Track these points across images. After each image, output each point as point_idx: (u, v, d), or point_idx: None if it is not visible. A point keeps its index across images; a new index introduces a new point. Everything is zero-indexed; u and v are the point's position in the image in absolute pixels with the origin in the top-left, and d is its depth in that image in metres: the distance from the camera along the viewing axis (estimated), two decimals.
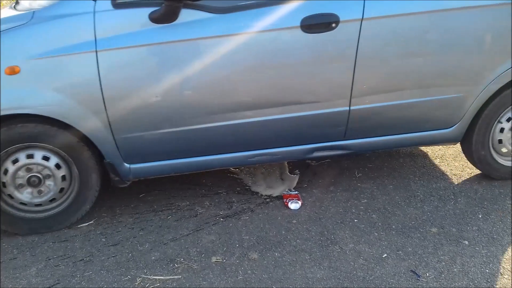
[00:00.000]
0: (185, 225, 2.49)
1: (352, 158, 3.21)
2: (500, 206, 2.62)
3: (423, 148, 3.38)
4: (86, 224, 2.52)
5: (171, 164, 2.46)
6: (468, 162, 3.01)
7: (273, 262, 2.20)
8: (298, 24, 2.21)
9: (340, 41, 2.28)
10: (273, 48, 2.26)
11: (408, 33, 2.33)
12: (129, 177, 2.46)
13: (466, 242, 2.34)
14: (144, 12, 2.12)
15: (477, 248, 2.29)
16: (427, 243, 2.33)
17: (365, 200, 2.71)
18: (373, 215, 2.56)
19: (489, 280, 2.07)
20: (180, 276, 2.12)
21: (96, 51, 2.11)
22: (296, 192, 2.77)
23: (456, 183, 2.90)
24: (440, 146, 3.38)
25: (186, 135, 2.35)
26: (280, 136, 2.49)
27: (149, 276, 2.12)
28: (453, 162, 3.17)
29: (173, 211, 2.63)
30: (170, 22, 2.13)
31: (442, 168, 3.09)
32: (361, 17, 2.25)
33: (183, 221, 2.53)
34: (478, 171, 3.01)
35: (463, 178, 2.95)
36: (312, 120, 2.44)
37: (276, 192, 2.80)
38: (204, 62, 2.21)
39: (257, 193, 2.82)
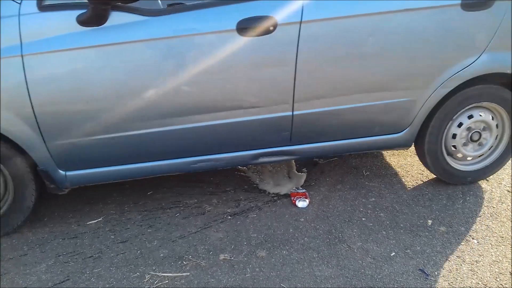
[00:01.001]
0: (193, 222, 2.50)
1: (360, 157, 3.21)
2: (508, 205, 2.61)
3: None
4: (95, 221, 2.53)
5: (109, 171, 2.39)
6: None
7: (281, 260, 2.20)
8: (234, 27, 2.13)
9: (278, 44, 2.19)
10: (209, 52, 2.17)
11: (351, 36, 2.24)
12: (66, 184, 2.37)
13: (475, 241, 2.33)
14: (72, 15, 2.04)
15: (486, 247, 2.28)
16: (436, 241, 2.32)
17: (373, 199, 2.70)
18: (381, 214, 2.56)
19: (498, 279, 2.07)
20: (189, 273, 2.13)
21: (22, 55, 2.03)
22: (304, 190, 2.77)
23: None
24: None
25: (123, 141, 2.28)
26: (224, 141, 2.43)
27: (157, 273, 2.13)
28: None
29: (181, 208, 2.64)
30: (98, 25, 2.05)
31: None
32: (299, 20, 2.17)
33: (191, 218, 2.54)
34: None
35: None
36: (255, 125, 2.37)
37: (283, 190, 2.80)
38: (135, 67, 2.13)
39: (264, 191, 2.82)
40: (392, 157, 3.21)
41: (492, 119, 2.65)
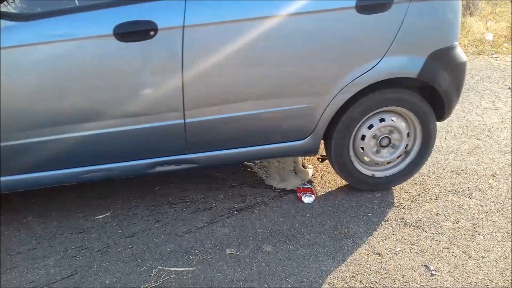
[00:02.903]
0: (199, 217, 2.52)
1: None
2: None
3: (439, 142, 3.35)
4: (102, 216, 2.56)
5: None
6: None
7: (286, 255, 2.21)
8: (111, 32, 2.02)
9: (161, 50, 2.10)
10: (86, 58, 2.07)
11: (241, 41, 2.15)
12: None
13: (481, 237, 2.32)
14: None
15: (492, 243, 2.27)
16: (442, 237, 2.32)
17: (379, 195, 2.70)
18: (387, 210, 2.56)
19: (504, 275, 2.06)
20: (195, 268, 2.14)
21: None
22: (310, 186, 2.77)
23: (472, 178, 2.87)
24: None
25: (18, 149, 2.19)
26: (116, 150, 2.32)
27: (164, 268, 2.15)
28: (468, 156, 3.14)
29: (188, 204, 2.65)
30: None
31: (458, 163, 3.07)
32: (182, 25, 2.07)
33: (198, 213, 2.56)
34: (496, 166, 2.98)
35: (479, 173, 2.92)
36: (146, 134, 2.27)
37: (289, 185, 2.81)
38: (5, 75, 2.01)
39: (270, 186, 2.83)
40: None
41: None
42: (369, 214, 2.52)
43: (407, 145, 2.63)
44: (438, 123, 2.94)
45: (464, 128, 3.59)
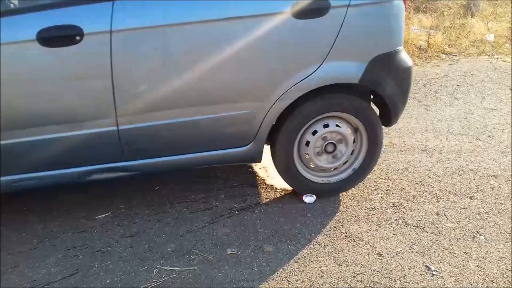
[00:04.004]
0: (200, 217, 2.52)
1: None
2: None
3: (441, 143, 3.35)
4: (103, 215, 2.56)
5: None
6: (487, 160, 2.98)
7: (287, 255, 2.22)
8: (34, 37, 1.95)
9: (89, 55, 2.04)
10: (9, 64, 1.99)
11: (172, 46, 2.12)
12: None
13: (482, 238, 2.32)
14: None
15: (493, 244, 2.27)
16: (443, 238, 2.32)
17: (380, 195, 2.71)
18: (388, 210, 2.56)
19: (505, 276, 2.06)
20: (196, 268, 2.14)
21: None
22: None
23: (473, 178, 2.87)
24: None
25: None
26: (49, 158, 2.23)
27: (165, 267, 2.15)
28: (469, 157, 3.14)
29: (189, 203, 2.65)
30: None
31: (459, 163, 3.07)
32: (109, 29, 2.01)
33: (199, 213, 2.56)
34: (497, 166, 2.98)
35: (480, 174, 2.92)
36: (79, 141, 2.20)
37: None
38: None
39: (271, 186, 2.83)
40: (400, 154, 3.20)
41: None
42: (370, 214, 2.52)
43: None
44: (437, 124, 2.95)
45: (465, 129, 3.59)
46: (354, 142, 2.56)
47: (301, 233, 2.37)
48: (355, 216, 2.51)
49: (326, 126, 2.48)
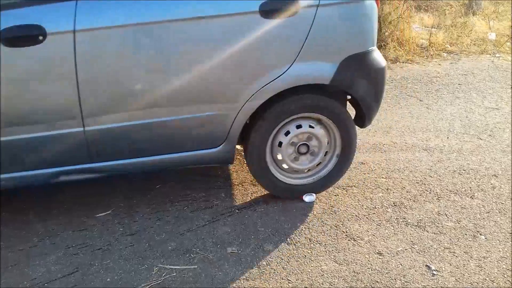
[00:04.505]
0: (201, 216, 2.52)
1: (368, 152, 3.20)
2: None
3: (442, 142, 3.35)
4: (104, 213, 2.56)
5: None
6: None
7: (287, 254, 2.21)
8: None
9: (52, 56, 2.01)
10: None
11: (137, 46, 2.09)
12: None
13: (483, 237, 2.32)
14: None
15: (494, 243, 2.27)
16: (443, 237, 2.32)
17: (380, 194, 2.70)
18: (388, 209, 2.56)
19: (505, 276, 2.06)
20: (196, 266, 2.14)
21: None
22: None
23: (474, 178, 2.87)
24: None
25: None
26: (12, 159, 2.19)
27: (165, 266, 2.15)
28: (470, 156, 3.13)
29: (189, 202, 2.65)
30: None
31: (460, 163, 3.06)
32: (73, 29, 1.98)
33: (199, 212, 2.56)
34: (498, 166, 2.98)
35: (481, 173, 2.92)
36: (45, 142, 2.17)
37: None
38: None
39: None
40: (401, 153, 3.20)
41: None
42: (370, 214, 2.52)
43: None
44: (438, 122, 2.95)
45: (466, 128, 3.58)
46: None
47: (302, 232, 2.37)
48: (356, 215, 2.51)
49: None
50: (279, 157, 2.52)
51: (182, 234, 2.37)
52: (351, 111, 2.60)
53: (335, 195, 2.69)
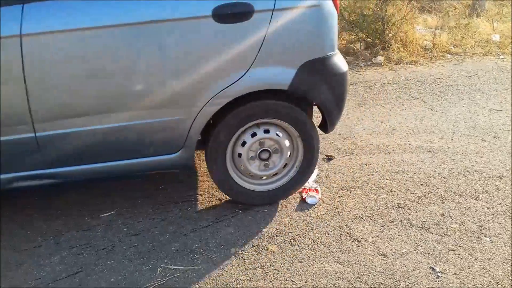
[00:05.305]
0: (204, 216, 2.52)
1: (372, 153, 3.20)
2: None
3: (446, 143, 3.34)
4: (108, 214, 2.56)
5: None
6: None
7: (291, 255, 2.21)
8: None
9: (0, 60, 1.98)
10: None
11: (87, 50, 2.06)
12: None
13: (488, 239, 2.31)
14: None
15: (498, 245, 2.26)
16: (448, 239, 2.31)
17: (384, 196, 2.70)
18: (392, 211, 2.55)
19: (510, 278, 2.05)
20: (200, 267, 2.14)
21: None
22: (316, 186, 2.76)
23: (478, 179, 2.86)
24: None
25: None
26: None
27: (169, 266, 2.15)
28: (475, 158, 3.13)
29: (193, 202, 2.65)
30: None
31: (464, 164, 3.05)
32: (19, 33, 1.96)
33: (203, 212, 2.56)
34: (503, 168, 2.97)
35: (486, 175, 2.91)
36: None
37: None
38: None
39: None
40: (404, 155, 3.19)
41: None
42: (374, 215, 2.51)
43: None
44: (442, 124, 2.95)
45: (471, 130, 3.57)
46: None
47: (305, 233, 2.37)
48: (360, 216, 2.50)
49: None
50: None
51: (185, 234, 2.38)
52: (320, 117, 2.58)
53: (339, 196, 2.69)
